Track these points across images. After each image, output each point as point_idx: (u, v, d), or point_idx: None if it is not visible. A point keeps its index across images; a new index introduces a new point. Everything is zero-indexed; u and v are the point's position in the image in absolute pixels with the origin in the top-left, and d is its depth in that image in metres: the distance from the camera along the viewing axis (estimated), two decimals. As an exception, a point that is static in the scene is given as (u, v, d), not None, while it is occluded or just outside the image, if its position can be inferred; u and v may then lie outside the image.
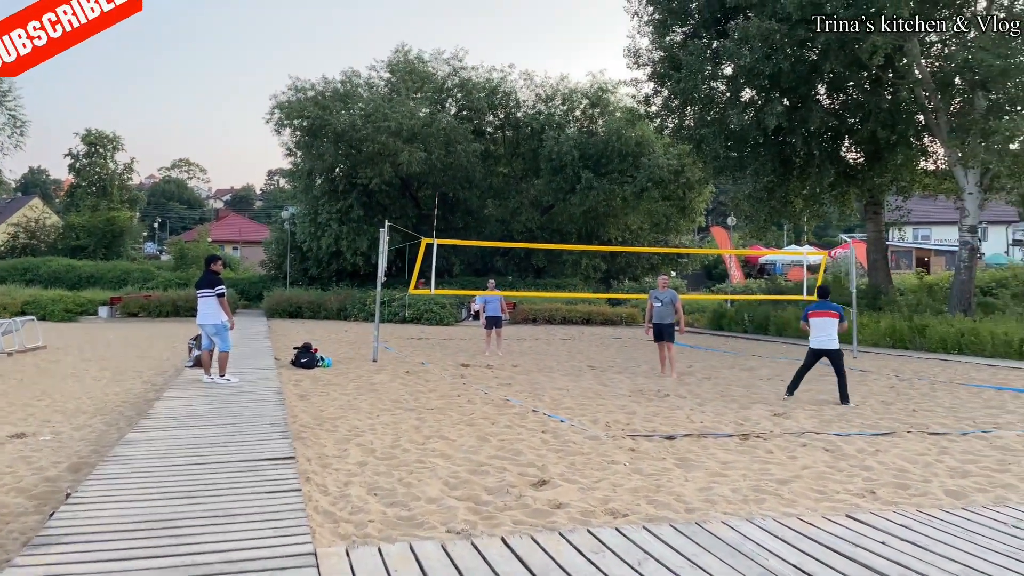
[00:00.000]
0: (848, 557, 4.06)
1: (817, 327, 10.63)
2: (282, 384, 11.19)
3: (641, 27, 25.51)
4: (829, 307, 10.66)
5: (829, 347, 10.57)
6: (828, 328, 10.57)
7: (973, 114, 20.33)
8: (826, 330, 10.57)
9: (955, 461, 6.84)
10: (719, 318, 27.46)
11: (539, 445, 7.36)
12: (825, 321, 10.60)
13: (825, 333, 10.57)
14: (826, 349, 10.59)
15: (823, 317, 10.62)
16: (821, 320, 10.62)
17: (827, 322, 10.58)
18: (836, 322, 10.56)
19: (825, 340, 10.55)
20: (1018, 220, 62.76)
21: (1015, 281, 27.01)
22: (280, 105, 34.26)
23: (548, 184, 35.34)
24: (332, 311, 30.69)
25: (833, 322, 10.56)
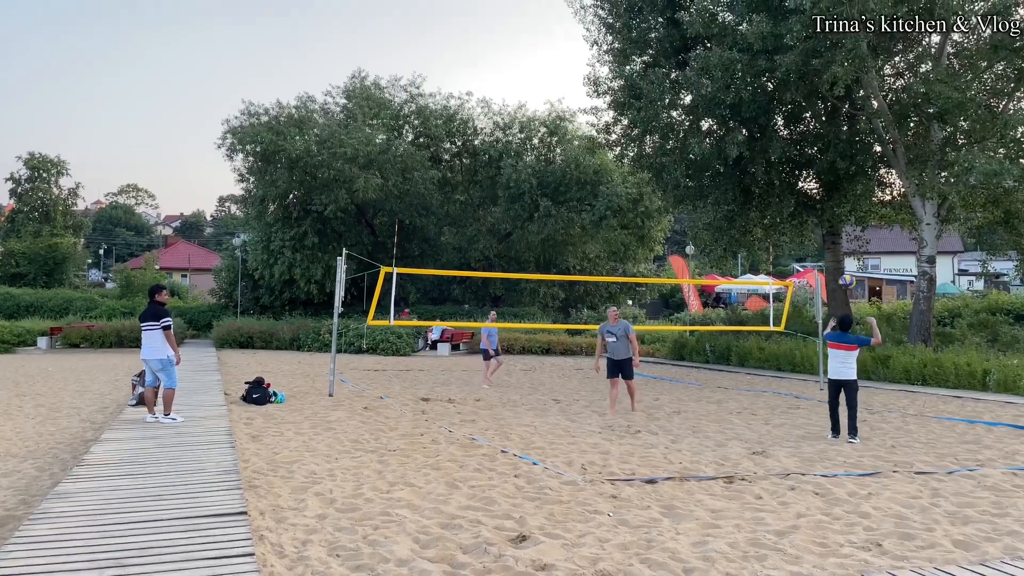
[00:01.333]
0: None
1: (836, 358, 10.39)
2: (232, 423, 10.47)
3: (601, 56, 25.51)
4: (850, 340, 10.38)
5: (845, 377, 10.32)
6: (845, 359, 10.33)
7: (930, 146, 20.62)
8: (844, 362, 10.33)
9: (951, 505, 6.50)
10: (680, 348, 27.29)
11: (513, 492, 6.83)
12: (842, 353, 10.36)
13: (841, 364, 10.33)
14: (843, 380, 10.33)
15: (842, 349, 10.37)
16: (841, 353, 10.37)
17: (847, 355, 10.35)
18: (854, 354, 10.34)
19: (844, 371, 10.30)
20: (963, 250, 64.74)
21: (968, 311, 27.47)
22: (233, 130, 33.47)
23: (506, 212, 35.05)
24: (285, 341, 29.75)
25: (850, 353, 10.33)
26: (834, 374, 10.41)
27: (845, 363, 10.29)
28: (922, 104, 19.57)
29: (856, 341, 10.36)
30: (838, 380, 10.37)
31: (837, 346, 10.39)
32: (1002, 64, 20.32)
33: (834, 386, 10.45)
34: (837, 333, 10.50)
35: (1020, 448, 9.64)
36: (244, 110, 34.50)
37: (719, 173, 24.15)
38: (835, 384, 10.43)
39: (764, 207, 25.10)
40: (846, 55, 18.27)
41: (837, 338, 10.42)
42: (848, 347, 10.29)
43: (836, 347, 10.40)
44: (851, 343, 10.32)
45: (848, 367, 10.28)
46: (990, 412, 13.44)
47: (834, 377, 10.41)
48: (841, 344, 10.35)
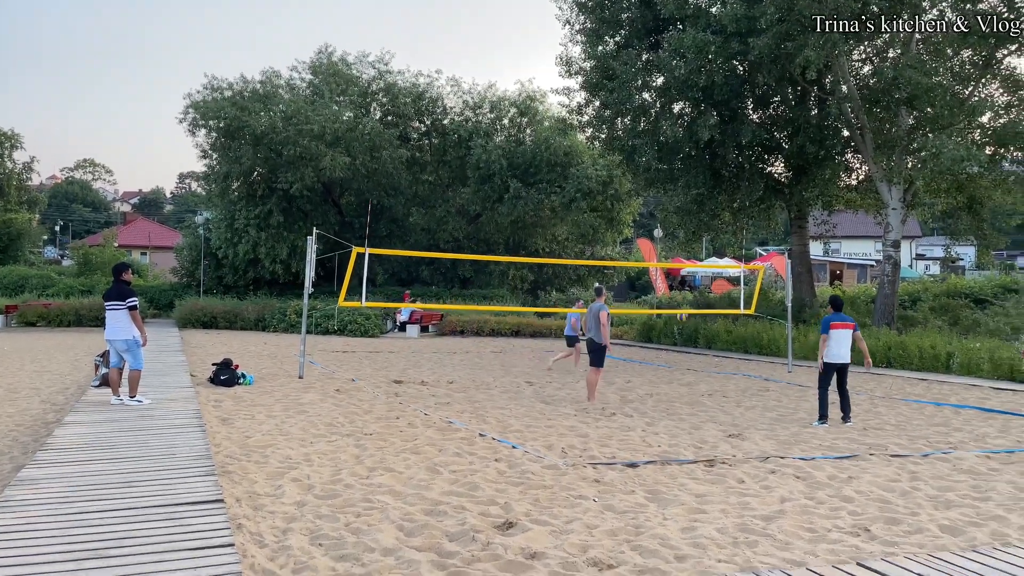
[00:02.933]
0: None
1: (837, 340, 10.19)
2: (201, 406, 10.20)
3: (573, 35, 25.28)
4: (847, 319, 10.28)
5: (847, 360, 10.20)
6: (846, 341, 10.21)
7: (898, 131, 20.84)
8: (844, 344, 10.19)
9: (932, 489, 6.55)
10: (648, 331, 27.41)
11: (496, 477, 6.72)
12: (845, 333, 10.21)
13: (843, 347, 10.18)
14: (845, 363, 10.20)
15: (844, 329, 10.21)
16: (842, 332, 10.20)
17: (847, 335, 10.22)
18: (851, 334, 10.26)
19: (844, 353, 10.17)
20: (921, 235, 66.03)
21: (928, 295, 27.99)
22: (195, 105, 32.63)
23: (475, 193, 34.77)
24: (250, 321, 29.25)
25: (849, 334, 10.24)
26: (837, 357, 10.17)
27: (846, 345, 10.16)
28: (891, 89, 19.74)
29: (853, 321, 10.34)
30: (840, 363, 10.17)
31: (842, 326, 10.18)
32: (969, 51, 20.59)
33: (833, 370, 10.22)
34: (836, 313, 10.31)
35: (988, 431, 9.80)
36: (207, 84, 33.70)
37: (690, 156, 24.18)
38: (835, 368, 10.21)
39: (733, 191, 25.23)
40: (818, 39, 18.33)
41: (839, 318, 10.22)
42: (850, 326, 10.21)
43: (841, 327, 10.17)
44: (852, 322, 10.25)
45: (848, 349, 10.17)
46: (955, 394, 13.69)
47: (837, 361, 10.18)
48: (845, 324, 10.20)
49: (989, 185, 21.61)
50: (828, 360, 10.20)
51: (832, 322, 10.22)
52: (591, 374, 12.00)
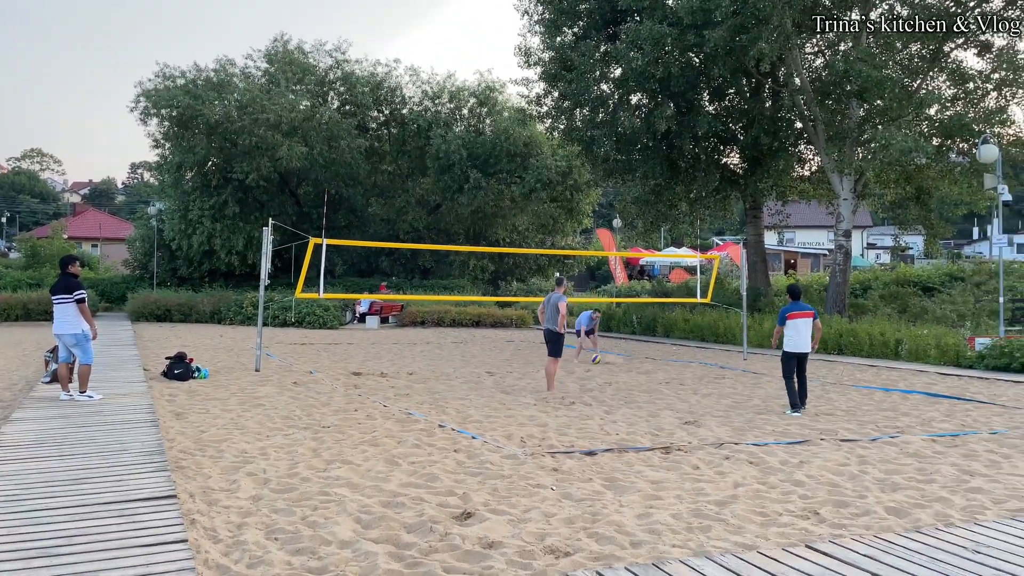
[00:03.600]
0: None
1: (795, 329, 10.14)
2: (154, 400, 10.03)
3: (532, 26, 25.29)
4: (805, 308, 10.26)
5: (806, 349, 10.14)
6: (804, 330, 10.14)
7: (849, 123, 21.26)
8: (803, 332, 10.13)
9: (879, 472, 6.74)
10: (607, 320, 27.62)
11: (455, 468, 6.74)
12: (804, 322, 10.17)
13: (801, 336, 10.12)
14: (804, 352, 10.14)
15: (802, 318, 10.17)
16: (801, 321, 10.15)
17: (805, 323, 10.17)
18: (811, 323, 10.22)
19: (803, 343, 10.11)
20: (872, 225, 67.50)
21: (878, 283, 28.68)
22: (147, 93, 31.90)
23: (435, 183, 34.64)
24: (205, 314, 28.76)
25: (809, 323, 10.19)
26: (796, 347, 10.11)
27: (805, 334, 10.12)
28: (842, 82, 20.13)
29: (812, 309, 10.37)
30: (800, 352, 10.12)
31: (800, 315, 10.14)
32: (917, 44, 21.08)
33: (793, 359, 10.15)
34: (795, 303, 10.27)
35: (935, 415, 10.10)
36: (159, 72, 32.99)
37: (647, 147, 24.39)
38: (795, 357, 10.15)
39: (690, 181, 25.52)
40: (772, 31, 18.60)
41: (797, 307, 10.19)
42: (808, 314, 10.18)
43: (799, 316, 10.13)
44: (811, 311, 10.26)
45: (807, 339, 10.13)
46: (904, 380, 14.07)
47: (796, 350, 10.11)
48: (804, 313, 10.17)
49: (936, 176, 22.18)
50: (788, 349, 10.17)
51: (789, 312, 10.20)
52: (549, 364, 12.08)
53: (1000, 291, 17.32)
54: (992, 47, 20.14)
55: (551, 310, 12.02)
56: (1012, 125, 20.32)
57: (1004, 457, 7.40)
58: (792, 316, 10.18)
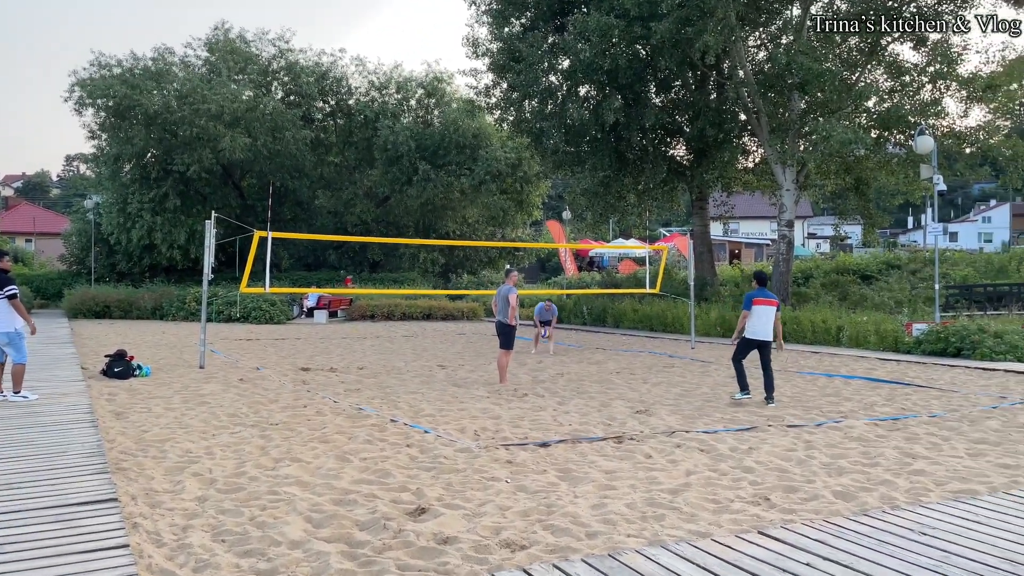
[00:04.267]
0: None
1: (759, 316, 9.91)
2: (93, 400, 9.69)
3: (479, 16, 25.16)
4: (771, 296, 10.04)
5: (768, 338, 9.93)
6: (769, 318, 9.92)
7: (791, 115, 21.67)
8: (766, 320, 9.92)
9: (826, 457, 6.88)
10: (559, 311, 27.68)
11: (407, 463, 6.65)
12: (769, 310, 9.94)
13: (766, 323, 9.91)
14: (765, 340, 9.92)
15: (767, 306, 9.93)
16: (766, 308, 9.92)
17: (770, 311, 9.95)
18: (775, 313, 10.01)
19: (765, 330, 9.89)
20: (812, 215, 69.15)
21: (819, 272, 29.40)
22: (81, 83, 30.80)
23: (384, 175, 34.26)
24: (146, 310, 27.99)
25: (773, 312, 9.98)
26: (759, 334, 9.88)
27: (768, 322, 9.92)
28: (784, 75, 20.50)
29: (777, 299, 10.17)
30: (760, 340, 9.90)
31: (766, 302, 9.93)
32: (855, 38, 21.58)
33: (751, 346, 9.96)
34: (761, 289, 10.05)
35: (876, 399, 10.37)
36: (94, 61, 31.89)
37: (596, 139, 24.51)
38: (755, 344, 9.92)
39: (638, 173, 25.74)
40: (716, 24, 18.81)
41: (764, 294, 9.96)
42: (774, 303, 10.00)
43: (765, 303, 9.92)
44: (775, 299, 10.07)
45: (770, 326, 9.93)
46: (845, 366, 14.43)
47: (759, 337, 9.89)
48: (769, 300, 9.97)
49: (874, 167, 22.81)
50: (749, 336, 9.97)
51: (756, 298, 9.93)
52: (501, 357, 12.05)
53: (936, 278, 17.89)
54: (927, 41, 20.74)
55: (502, 302, 11.99)
56: (946, 117, 21.01)
57: (944, 440, 7.62)
58: (758, 302, 9.93)
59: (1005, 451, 7.10)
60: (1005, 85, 20.69)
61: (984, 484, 5.83)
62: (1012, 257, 30.93)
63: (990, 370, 13.37)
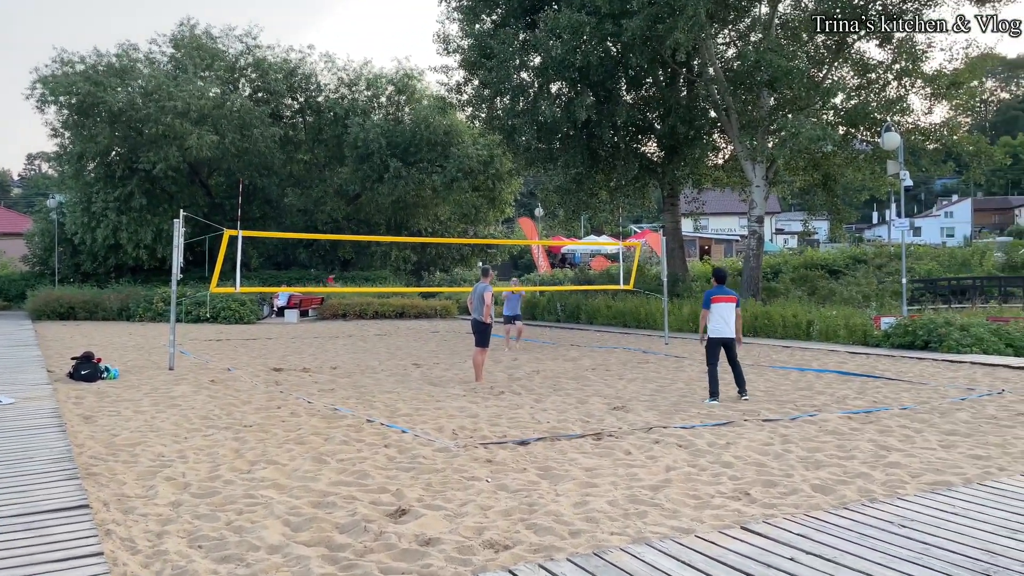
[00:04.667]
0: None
1: (721, 314, 9.87)
2: (60, 403, 9.48)
3: (450, 12, 25.03)
4: (730, 292, 10.02)
5: (730, 335, 9.88)
6: (729, 315, 9.90)
7: (760, 112, 21.87)
8: (727, 317, 9.89)
9: (802, 451, 6.93)
10: (532, 308, 27.73)
11: (386, 463, 6.58)
12: (729, 307, 9.91)
13: (726, 320, 9.88)
14: (729, 337, 9.88)
15: (726, 303, 9.90)
16: (725, 306, 9.88)
17: (730, 308, 9.91)
18: (735, 309, 9.99)
19: (728, 328, 9.86)
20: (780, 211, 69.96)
21: (788, 267, 29.76)
22: (43, 79, 30.12)
23: (354, 173, 33.98)
24: (112, 311, 27.47)
25: (732, 308, 9.94)
26: (721, 332, 9.85)
27: (729, 319, 9.91)
28: (753, 72, 20.67)
29: (736, 295, 10.19)
30: (724, 338, 9.89)
31: (725, 299, 9.90)
32: (822, 36, 21.84)
33: (719, 345, 9.89)
34: (720, 287, 10.04)
35: (848, 393, 10.50)
36: (56, 57, 31.15)
37: (568, 136, 24.50)
38: (720, 343, 9.88)
39: (610, 170, 25.81)
40: (686, 21, 18.90)
41: (722, 291, 9.94)
42: (733, 299, 9.98)
43: (724, 300, 9.89)
44: (735, 296, 10.08)
45: (731, 323, 9.93)
46: (817, 360, 14.60)
47: (721, 335, 9.85)
48: (728, 297, 9.94)
49: (842, 163, 23.10)
50: (713, 335, 9.90)
51: (714, 296, 9.91)
52: (477, 355, 12.01)
53: (903, 272, 18.17)
54: (892, 38, 21.04)
55: (477, 300, 11.95)
56: (911, 113, 21.35)
57: (916, 432, 7.73)
58: (716, 300, 9.93)
59: (976, 442, 7.22)
60: (968, 82, 21.08)
61: (958, 475, 5.92)
62: (974, 251, 31.60)
63: (957, 362, 13.61)
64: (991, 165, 21.73)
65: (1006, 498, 5.13)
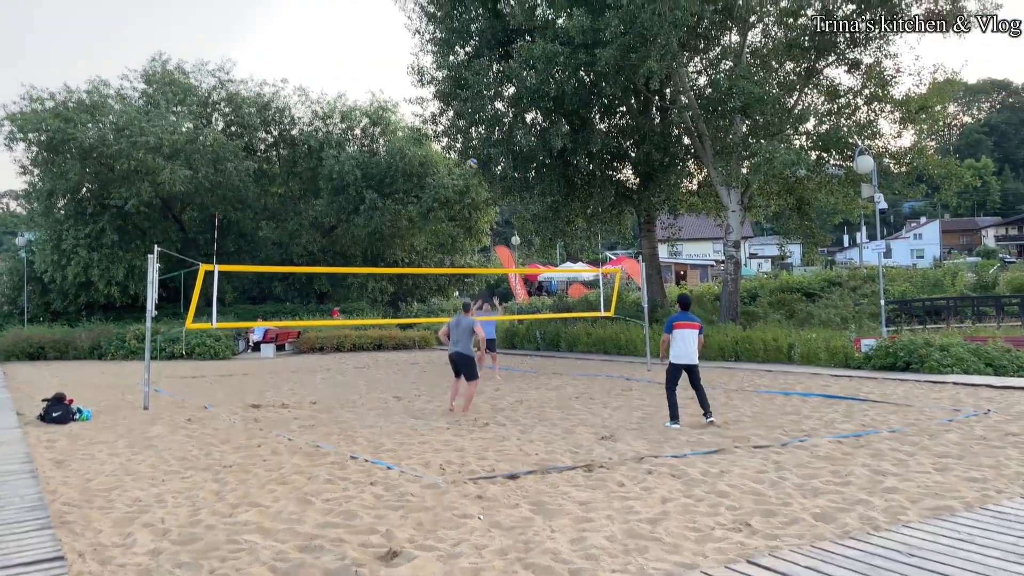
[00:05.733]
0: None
1: (682, 340, 9.96)
2: (31, 448, 9.15)
3: (424, 45, 25.21)
4: (693, 319, 10.08)
5: (694, 361, 9.96)
6: (691, 341, 10.00)
7: (734, 138, 22.10)
8: (690, 344, 9.98)
9: (797, 477, 6.84)
10: (511, 336, 27.59)
11: (373, 502, 6.37)
12: (691, 334, 10.01)
13: (689, 347, 9.96)
14: (692, 364, 9.96)
15: (688, 329, 10.00)
16: (688, 332, 9.98)
17: (692, 335, 10.01)
18: (697, 334, 10.09)
19: (690, 354, 9.93)
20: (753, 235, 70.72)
21: (764, 291, 29.91)
22: (11, 117, 29.83)
23: (329, 205, 33.83)
24: (84, 350, 26.90)
25: (695, 335, 10.05)
26: (684, 358, 9.92)
27: (692, 345, 10.02)
28: (726, 99, 20.92)
29: (699, 322, 10.27)
30: (687, 364, 9.97)
31: (687, 326, 9.98)
32: (791, 63, 22.19)
33: (680, 371, 9.99)
34: (683, 313, 10.11)
35: (835, 416, 10.45)
36: (25, 94, 30.89)
37: (544, 165, 24.61)
38: (681, 369, 10.01)
39: (586, 197, 25.92)
40: (659, 50, 19.11)
41: (685, 318, 10.02)
42: (695, 326, 10.05)
43: (686, 327, 9.97)
44: (698, 322, 10.15)
45: (694, 349, 10.03)
46: (800, 383, 14.59)
47: (684, 361, 9.96)
48: (691, 324, 10.01)
49: (815, 187, 23.36)
50: (675, 361, 10.00)
51: (676, 322, 9.98)
52: (470, 388, 11.90)
53: (880, 294, 18.32)
54: (861, 64, 21.42)
55: (464, 333, 11.79)
56: (881, 138, 21.68)
57: (909, 455, 7.68)
58: (679, 326, 9.98)
59: (970, 464, 7.17)
60: (934, 106, 21.47)
61: (958, 500, 5.85)
62: (946, 272, 32.02)
63: (940, 383, 13.66)
64: (960, 187, 22.08)
65: (1010, 522, 5.06)
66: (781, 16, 21.15)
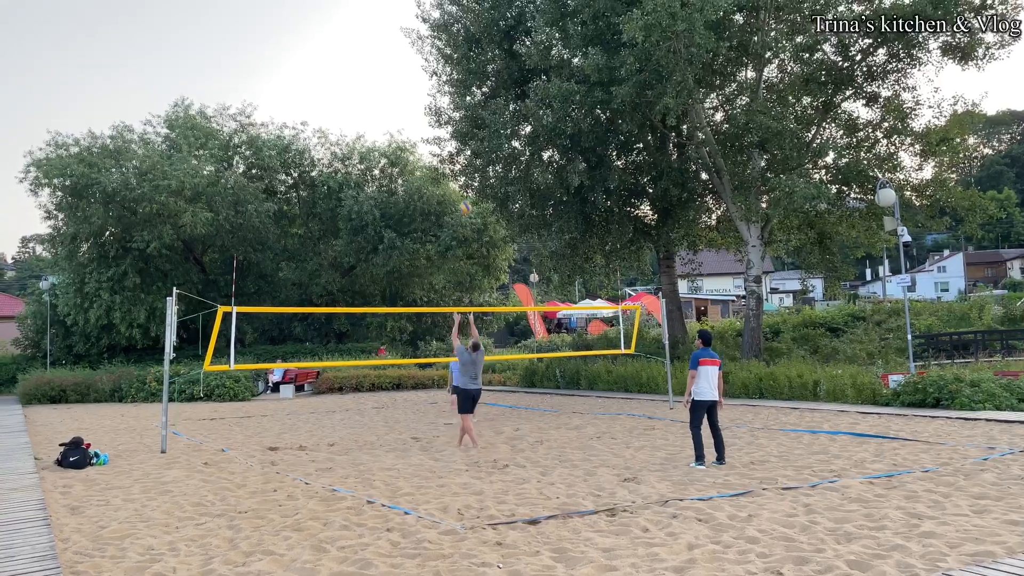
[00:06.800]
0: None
1: (706, 377, 9.78)
2: (46, 494, 9.06)
3: (441, 86, 25.45)
4: (714, 355, 9.94)
5: (715, 398, 9.78)
6: (715, 378, 9.83)
7: (752, 172, 21.99)
8: (712, 380, 9.81)
9: (829, 521, 6.57)
10: (531, 375, 27.34)
11: (390, 550, 6.19)
12: (714, 370, 9.84)
13: (712, 383, 9.80)
14: (713, 400, 9.78)
15: (712, 366, 9.82)
16: (711, 369, 9.80)
17: (715, 371, 9.85)
18: (718, 371, 9.92)
19: (713, 391, 9.77)
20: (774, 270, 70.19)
21: (787, 326, 29.50)
22: (37, 163, 30.37)
23: (348, 245, 34.01)
24: (104, 393, 26.98)
25: (717, 371, 9.88)
26: (707, 395, 9.78)
27: (714, 382, 9.86)
28: (743, 134, 20.86)
29: (719, 358, 10.11)
30: (710, 401, 9.81)
31: (711, 362, 9.83)
32: (808, 97, 22.14)
33: (703, 409, 9.83)
34: (705, 349, 9.97)
35: (865, 455, 10.14)
36: (50, 140, 31.55)
37: (561, 202, 24.59)
38: (706, 405, 9.85)
39: (604, 234, 25.83)
40: (675, 87, 19.14)
41: (708, 354, 9.87)
42: (717, 363, 9.92)
43: (710, 363, 9.82)
44: (717, 359, 10.00)
45: (715, 386, 9.87)
46: (827, 421, 14.23)
47: (707, 398, 9.80)
48: (713, 360, 9.87)
49: (836, 221, 23.11)
50: (698, 398, 9.81)
51: (701, 358, 9.81)
52: (466, 421, 12.23)
53: (907, 328, 17.95)
54: (879, 98, 21.33)
55: (480, 368, 12.08)
56: (902, 170, 21.47)
57: (944, 496, 7.38)
58: (704, 362, 9.83)
59: (1009, 506, 6.87)
60: (956, 137, 21.27)
61: (999, 545, 5.57)
62: (972, 305, 31.45)
63: (972, 420, 13.28)
64: (985, 219, 21.75)
65: (1057, 569, 4.79)
66: (797, 51, 21.15)
